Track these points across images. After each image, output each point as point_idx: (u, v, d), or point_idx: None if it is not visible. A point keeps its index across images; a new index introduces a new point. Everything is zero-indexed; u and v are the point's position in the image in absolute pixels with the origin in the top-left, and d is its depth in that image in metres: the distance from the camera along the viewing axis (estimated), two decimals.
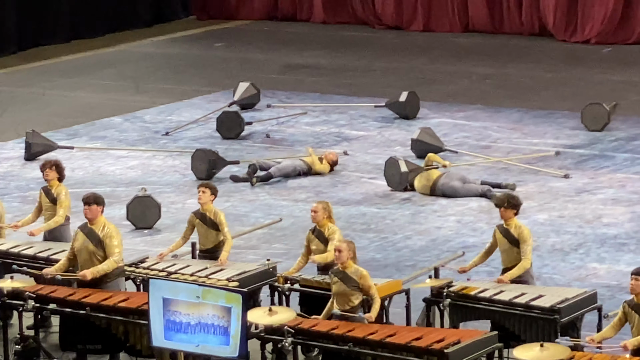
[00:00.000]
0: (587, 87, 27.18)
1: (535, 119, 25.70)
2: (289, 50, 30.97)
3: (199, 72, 29.65)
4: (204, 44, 32.19)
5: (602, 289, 17.12)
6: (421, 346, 14.40)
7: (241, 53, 30.90)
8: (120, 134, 25.59)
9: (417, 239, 20.30)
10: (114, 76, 29.36)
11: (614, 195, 21.62)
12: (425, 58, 29.83)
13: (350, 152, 23.99)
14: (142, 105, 27.14)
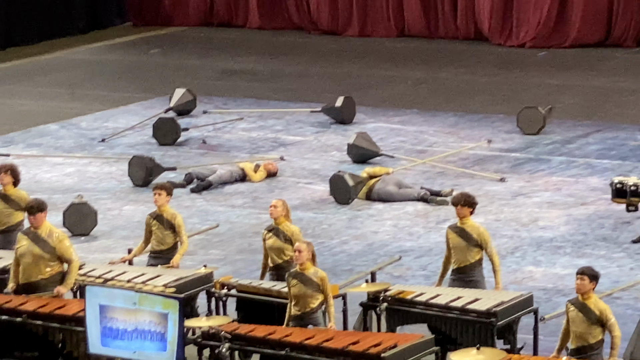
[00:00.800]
0: (523, 91, 27.47)
1: (470, 122, 25.92)
2: (225, 56, 31.07)
3: (135, 78, 29.68)
4: (140, 50, 32.22)
5: (539, 292, 17.41)
6: (358, 350, 14.51)
7: (177, 59, 30.96)
8: (56, 141, 25.57)
9: (354, 243, 20.41)
10: (49, 83, 29.34)
11: (550, 199, 21.85)
12: (361, 63, 29.98)
13: (287, 158, 24.09)
14: (78, 112, 27.12)
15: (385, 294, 16.03)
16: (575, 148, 24.24)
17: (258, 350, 15.19)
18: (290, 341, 14.87)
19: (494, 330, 15.37)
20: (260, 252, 19.64)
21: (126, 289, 15.80)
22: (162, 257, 17.28)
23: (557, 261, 19.40)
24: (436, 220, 21.02)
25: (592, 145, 24.34)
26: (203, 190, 22.61)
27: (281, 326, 15.47)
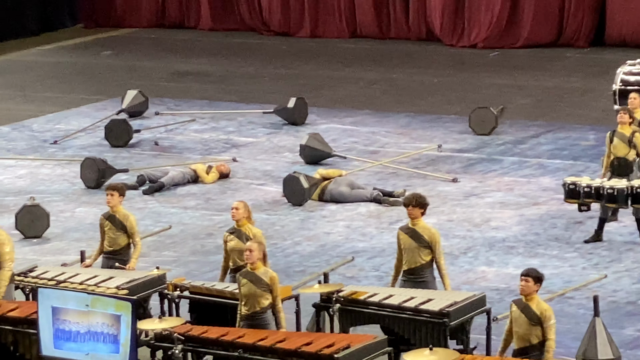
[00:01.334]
0: (475, 91, 27.58)
1: (423, 123, 25.96)
2: (177, 57, 31.12)
3: (87, 80, 29.62)
4: (92, 52, 32.14)
5: (491, 292, 17.47)
6: (311, 351, 14.56)
7: (129, 61, 30.91)
8: (8, 143, 25.53)
9: (307, 244, 20.47)
10: (0, 85, 29.18)
11: (502, 199, 21.94)
12: (313, 64, 30.05)
13: (239, 159, 24.11)
14: (30, 114, 27.08)
15: (338, 294, 16.06)
16: (527, 148, 24.32)
17: (211, 352, 15.21)
18: (243, 342, 14.92)
19: (447, 331, 15.42)
20: (214, 253, 19.84)
21: (79, 291, 15.83)
22: (114, 258, 17.28)
23: (510, 261, 19.48)
24: (389, 221, 21.05)
25: (544, 145, 24.43)
26: (155, 192, 22.62)
27: (234, 327, 15.47)
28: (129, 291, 16.06)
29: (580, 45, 30.92)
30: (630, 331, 17.00)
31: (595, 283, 18.26)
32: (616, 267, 19.03)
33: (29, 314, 15.52)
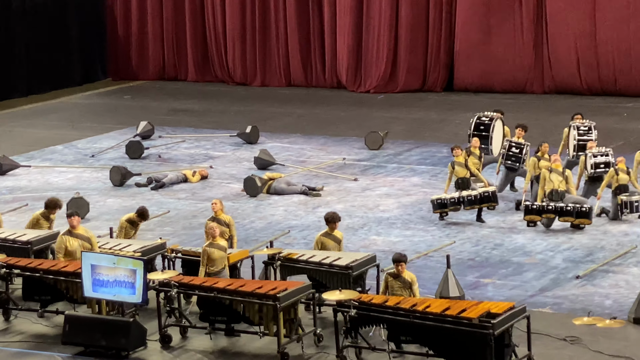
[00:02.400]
0: (368, 121, 27.53)
1: (335, 142, 26.00)
2: (172, 99, 30.91)
3: (113, 115, 29.48)
4: (117, 96, 31.91)
5: (380, 253, 17.46)
6: (262, 292, 14.79)
7: (141, 102, 30.77)
8: (61, 157, 25.48)
9: (258, 222, 20.54)
10: (57, 118, 29.19)
11: (387, 192, 22.01)
12: (262, 104, 29.89)
13: (214, 167, 24.13)
14: (76, 137, 27.01)
15: (279, 255, 16.29)
16: (402, 158, 24.36)
17: (195, 293, 15.33)
18: (217, 287, 15.11)
19: (351, 278, 15.60)
20: (197, 228, 20.02)
21: (108, 253, 15.90)
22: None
23: (392, 233, 19.63)
24: (312, 207, 21.19)
25: (414, 156, 24.48)
26: (159, 188, 22.58)
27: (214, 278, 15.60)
28: (142, 254, 16.23)
29: (437, 90, 30.78)
30: (470, 278, 17.28)
31: (447, 247, 18.52)
32: (461, 237, 19.24)
33: (76, 269, 15.54)
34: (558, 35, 29.37)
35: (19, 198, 22.19)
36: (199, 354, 14.97)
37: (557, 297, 16.40)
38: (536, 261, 17.92)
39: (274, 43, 32.10)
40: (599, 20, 28.94)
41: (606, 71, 29.07)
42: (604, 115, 27.06)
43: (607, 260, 17.73)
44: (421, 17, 30.56)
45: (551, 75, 29.67)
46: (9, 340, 15.73)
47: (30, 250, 17.10)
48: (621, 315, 15.54)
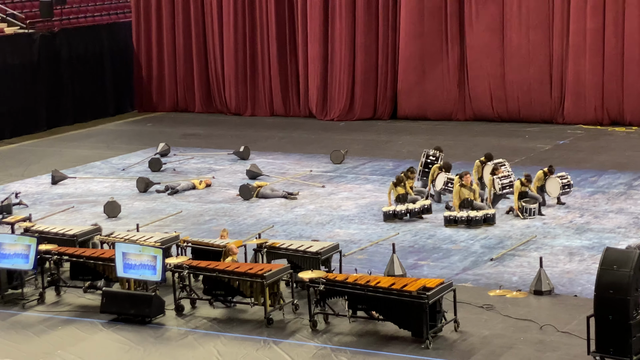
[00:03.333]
0: (333, 142, 27.28)
1: (307, 158, 25.77)
2: (184, 126, 30.64)
3: (139, 138, 29.28)
4: (141, 124, 31.63)
5: (342, 242, 17.47)
6: (252, 272, 14.90)
7: (160, 128, 30.48)
8: (99, 170, 25.30)
9: (250, 219, 20.42)
10: (95, 141, 28.93)
11: (347, 196, 21.88)
12: (252, 129, 29.63)
13: (216, 177, 23.91)
14: (110, 155, 26.85)
15: (265, 244, 16.35)
16: (359, 170, 24.22)
17: (202, 273, 15.34)
18: (218, 268, 15.15)
19: (320, 261, 15.71)
20: (203, 224, 19.86)
21: (135, 243, 15.93)
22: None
23: (351, 227, 19.55)
24: (291, 207, 21.08)
25: (367, 168, 24.32)
26: (174, 194, 22.42)
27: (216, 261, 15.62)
28: (161, 244, 16.28)
29: (385, 118, 30.47)
30: (410, 261, 17.37)
31: (393, 237, 18.48)
32: (403, 230, 19.20)
33: (111, 255, 15.56)
34: (476, 77, 29.51)
35: (67, 202, 22.14)
36: (204, 319, 15.02)
37: (476, 274, 16.52)
38: (460, 248, 18.01)
39: (260, 83, 31.81)
40: (506, 66, 29.15)
41: (512, 104, 29.27)
42: (511, 137, 27.26)
43: (513, 246, 17.87)
44: (372, 64, 30.48)
45: (471, 107, 29.76)
46: (59, 310, 15.76)
47: (76, 241, 17.15)
48: (524, 288, 15.69)
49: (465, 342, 13.74)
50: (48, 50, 30.71)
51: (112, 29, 33.23)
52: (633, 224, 18.74)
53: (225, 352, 13.72)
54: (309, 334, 14.15)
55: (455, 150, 24.91)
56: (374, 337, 13.98)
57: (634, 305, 12.41)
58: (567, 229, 18.71)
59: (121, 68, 33.21)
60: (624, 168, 23.29)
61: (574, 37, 28.19)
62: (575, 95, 28.44)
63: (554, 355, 13.14)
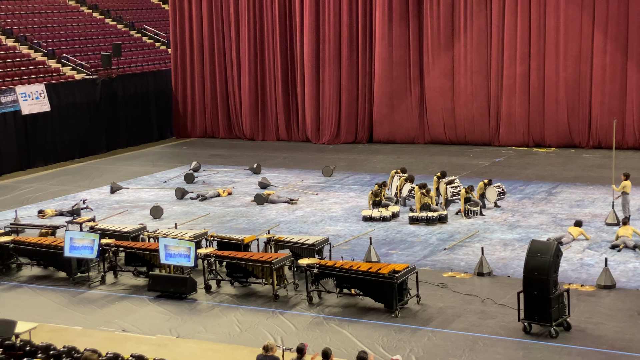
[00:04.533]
0: (325, 160, 27.20)
1: (304, 173, 25.63)
2: (211, 149, 30.48)
3: (176, 158, 29.15)
4: (178, 147, 31.49)
5: (331, 237, 17.48)
6: (264, 259, 14.92)
7: (193, 150, 30.40)
8: (146, 182, 25.18)
9: (261, 219, 20.36)
10: (144, 160, 28.80)
11: (336, 202, 21.81)
12: (262, 150, 29.55)
13: (235, 187, 23.85)
14: (155, 171, 26.80)
15: (273, 238, 16.32)
16: (345, 182, 24.13)
17: (225, 260, 15.34)
18: (237, 256, 15.12)
19: (314, 251, 15.75)
20: (226, 222, 19.70)
21: (174, 237, 15.96)
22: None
23: (338, 224, 19.50)
24: (292, 210, 21.02)
25: (350, 180, 24.25)
26: (203, 200, 22.38)
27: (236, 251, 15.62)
28: (193, 238, 16.24)
29: (363, 142, 30.35)
30: (383, 250, 17.47)
31: (370, 232, 18.49)
32: (377, 227, 19.20)
33: (156, 247, 15.59)
34: (432, 111, 29.56)
35: (122, 206, 22.11)
36: (227, 295, 15.06)
37: (433, 260, 16.56)
38: (421, 240, 18.03)
39: (269, 115, 31.68)
40: (455, 102, 29.23)
41: (460, 131, 29.32)
42: (459, 156, 27.32)
43: (461, 239, 17.92)
44: (353, 101, 30.44)
45: (429, 133, 29.81)
46: (116, 289, 15.79)
47: (129, 236, 17.18)
48: (470, 271, 15.75)
49: (425, 312, 13.80)
50: (107, 91, 30.70)
51: (156, 75, 33.17)
52: (552, 222, 18.84)
53: (242, 320, 13.76)
54: (306, 306, 14.20)
55: (417, 166, 24.97)
56: (355, 308, 14.03)
57: (552, 283, 12.49)
58: (502, 225, 18.79)
59: (163, 104, 33.18)
60: (544, 179, 23.40)
61: (506, 80, 28.34)
62: (507, 124, 28.55)
63: (493, 322, 13.20)
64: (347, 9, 29.84)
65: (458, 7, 28.57)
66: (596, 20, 27.00)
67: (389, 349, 12.21)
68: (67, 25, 33.91)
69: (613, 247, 16.26)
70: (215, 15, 32.13)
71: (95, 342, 12.58)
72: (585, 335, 12.37)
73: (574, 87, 27.56)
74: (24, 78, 28.78)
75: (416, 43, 29.27)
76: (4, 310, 14.09)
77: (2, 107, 27.12)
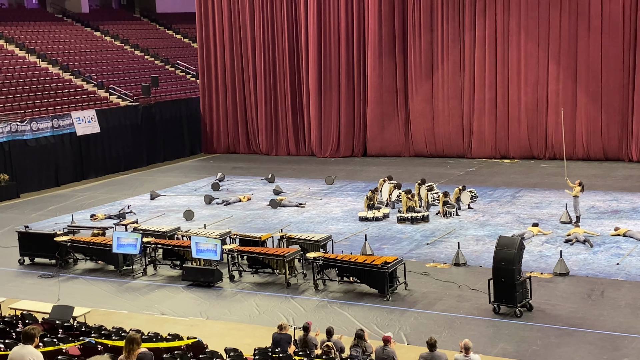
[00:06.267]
0: (327, 171, 27.03)
1: (310, 182, 25.43)
2: (233, 162, 30.32)
3: (204, 170, 28.97)
4: (206, 161, 31.33)
5: (333, 234, 17.49)
6: (278, 253, 14.91)
7: (218, 163, 30.28)
8: (180, 190, 25.08)
9: (275, 220, 20.23)
10: (176, 173, 28.62)
11: (336, 205, 21.69)
12: (276, 164, 29.37)
13: (254, 194, 23.72)
14: (187, 181, 26.68)
15: (285, 235, 16.30)
16: (343, 189, 24.04)
17: (246, 254, 15.30)
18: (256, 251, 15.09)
19: (319, 246, 15.73)
20: (246, 223, 19.58)
21: (203, 236, 15.92)
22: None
23: (339, 224, 19.37)
24: (301, 212, 20.95)
25: (348, 188, 24.18)
26: (228, 205, 22.32)
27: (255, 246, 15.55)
28: (219, 236, 16.15)
29: (359, 155, 30.32)
30: (377, 245, 17.36)
31: (365, 230, 18.38)
32: (371, 225, 19.10)
33: (188, 244, 15.51)
34: (416, 130, 29.55)
35: (160, 210, 22.06)
36: (247, 283, 15.04)
37: (418, 253, 16.54)
38: (407, 236, 18.00)
39: (281, 133, 31.61)
40: (435, 123, 29.21)
41: (440, 145, 29.31)
42: (438, 167, 27.30)
43: (441, 236, 17.91)
44: (350, 121, 30.37)
45: (413, 148, 29.80)
46: (156, 279, 15.80)
47: (166, 235, 17.15)
48: (448, 262, 15.74)
49: (411, 296, 13.78)
50: (147, 116, 30.73)
51: (187, 102, 33.18)
52: (516, 221, 18.81)
53: (261, 304, 13.75)
54: (313, 292, 14.18)
55: (404, 176, 24.93)
56: (354, 293, 14.02)
57: (517, 272, 12.50)
58: (474, 224, 18.75)
59: (193, 126, 33.14)
60: (510, 185, 23.35)
61: (477, 103, 28.37)
62: (478, 140, 28.54)
63: (468, 304, 13.19)
64: (345, 45, 29.88)
65: (436, 44, 28.67)
66: (550, 53, 27.10)
67: (382, 327, 12.20)
68: (114, 61, 34.11)
69: (567, 241, 16.29)
70: (236, 52, 32.22)
71: (138, 323, 12.63)
72: (545, 314, 12.39)
73: (532, 109, 27.64)
74: (78, 105, 28.95)
75: (402, 74, 29.31)
76: (63, 298, 14.14)
77: (60, 129, 27.22)
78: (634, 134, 26.24)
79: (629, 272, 14.09)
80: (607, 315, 12.09)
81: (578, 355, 10.61)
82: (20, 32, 33.26)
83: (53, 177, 26.91)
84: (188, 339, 10.12)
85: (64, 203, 23.81)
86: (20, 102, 27.87)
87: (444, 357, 9.30)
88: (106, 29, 36.82)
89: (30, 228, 17.57)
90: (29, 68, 30.45)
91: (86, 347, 9.36)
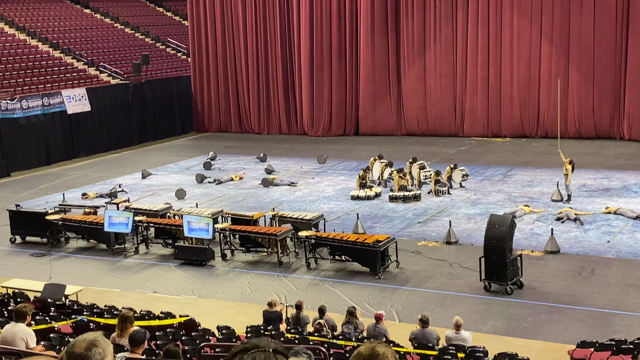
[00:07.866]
0: (319, 150, 26.99)
1: (302, 160, 25.44)
2: (225, 141, 30.22)
3: (196, 149, 28.85)
4: (198, 140, 31.20)
5: (326, 213, 17.43)
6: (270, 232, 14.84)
7: (211, 142, 30.14)
8: (171, 169, 24.97)
9: (268, 199, 20.12)
10: (167, 152, 28.52)
11: (328, 184, 21.71)
12: (268, 142, 29.23)
13: (246, 173, 23.68)
14: (178, 160, 26.57)
15: (277, 214, 16.21)
16: (335, 168, 24.01)
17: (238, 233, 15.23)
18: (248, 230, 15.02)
19: (312, 225, 15.66)
20: (239, 202, 19.51)
21: (195, 214, 15.85)
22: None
23: (330, 203, 19.37)
24: (293, 191, 20.92)
25: (340, 166, 24.15)
26: (219, 184, 22.25)
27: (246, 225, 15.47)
28: (211, 215, 16.09)
29: (351, 135, 30.34)
30: (369, 224, 17.36)
31: (358, 209, 18.36)
32: (364, 204, 19.12)
33: (180, 223, 15.43)
34: (408, 108, 29.52)
35: (151, 189, 21.97)
36: (239, 262, 15.03)
37: (410, 232, 16.56)
38: (399, 215, 18.03)
39: (273, 112, 31.57)
40: (427, 101, 29.18)
41: (430, 125, 29.31)
42: (430, 145, 27.30)
43: (433, 214, 17.94)
44: (342, 100, 30.33)
45: (405, 127, 29.78)
46: (148, 257, 15.74)
47: (158, 214, 17.08)
48: (440, 240, 15.76)
49: (403, 274, 13.82)
50: (138, 94, 30.50)
51: (178, 81, 32.96)
52: (507, 199, 18.86)
53: (253, 282, 13.75)
54: (305, 271, 14.19)
55: (396, 154, 24.91)
56: (345, 272, 14.04)
57: (508, 250, 12.52)
58: (466, 202, 18.79)
59: (184, 104, 32.95)
60: (501, 164, 23.39)
61: (469, 82, 28.28)
62: (470, 119, 28.51)
63: (459, 282, 13.24)
64: (337, 24, 29.70)
65: (429, 22, 28.50)
66: (543, 31, 26.99)
67: (373, 305, 12.22)
68: (104, 38, 33.74)
69: (558, 219, 16.35)
70: (227, 30, 31.98)
71: (131, 301, 12.60)
72: (535, 292, 12.43)
73: (525, 87, 27.59)
74: (68, 83, 28.63)
75: (394, 52, 29.17)
76: (55, 276, 14.09)
77: (50, 108, 26.96)
78: (626, 112, 26.34)
79: (620, 250, 14.13)
80: (597, 292, 12.11)
81: (568, 332, 10.64)
82: (9, 10, 32.83)
83: (44, 155, 26.75)
84: (180, 317, 10.14)
85: (55, 182, 23.68)
86: (10, 80, 27.56)
87: (435, 334, 9.34)
88: (96, 7, 36.38)
89: (21, 207, 17.50)
90: (18, 46, 30.10)
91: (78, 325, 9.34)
